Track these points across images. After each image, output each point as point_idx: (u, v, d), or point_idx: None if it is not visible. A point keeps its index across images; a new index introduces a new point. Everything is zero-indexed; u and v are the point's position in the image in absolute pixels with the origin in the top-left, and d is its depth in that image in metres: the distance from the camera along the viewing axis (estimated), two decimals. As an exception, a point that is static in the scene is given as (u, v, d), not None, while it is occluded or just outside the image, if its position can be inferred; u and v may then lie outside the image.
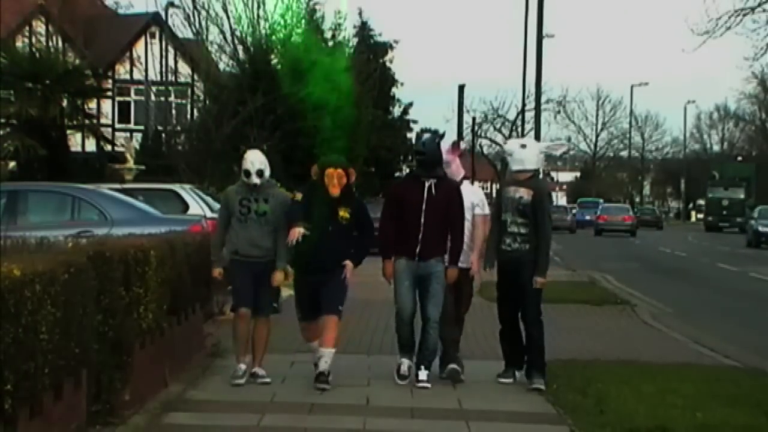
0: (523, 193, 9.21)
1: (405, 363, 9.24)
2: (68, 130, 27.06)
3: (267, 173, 9.29)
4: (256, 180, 9.17)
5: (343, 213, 9.04)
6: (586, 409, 8.27)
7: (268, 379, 9.04)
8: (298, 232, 8.85)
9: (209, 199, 17.17)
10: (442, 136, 9.40)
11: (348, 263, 9.07)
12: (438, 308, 9.15)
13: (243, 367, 9.04)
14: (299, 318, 9.32)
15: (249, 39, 29.35)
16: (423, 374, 9.15)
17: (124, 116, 42.85)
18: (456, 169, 9.63)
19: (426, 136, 9.34)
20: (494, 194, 10.30)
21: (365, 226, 9.28)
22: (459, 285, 9.39)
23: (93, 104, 29.19)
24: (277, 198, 9.30)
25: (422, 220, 9.07)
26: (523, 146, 9.59)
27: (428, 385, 9.07)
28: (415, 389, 8.94)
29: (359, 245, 9.23)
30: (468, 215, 9.39)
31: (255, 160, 9.30)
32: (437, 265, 9.15)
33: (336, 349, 8.99)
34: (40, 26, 37.93)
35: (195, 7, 29.39)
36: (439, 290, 9.13)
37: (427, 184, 9.12)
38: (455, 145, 9.87)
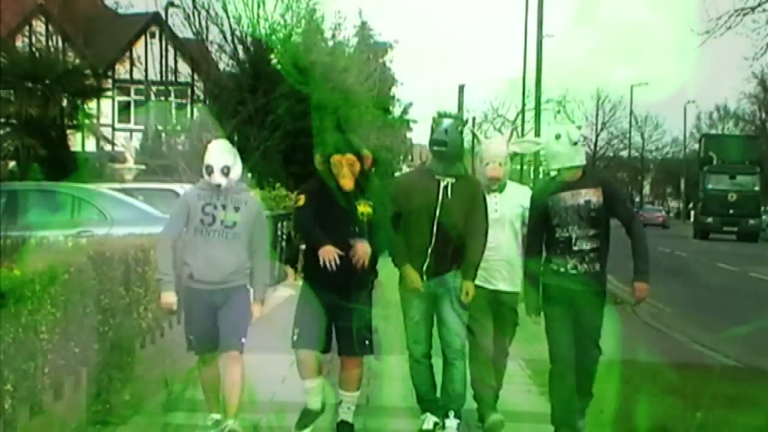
0: (590, 196, 7.07)
1: (430, 419, 7.35)
2: (68, 130, 27.07)
3: (237, 172, 7.18)
4: (220, 180, 7.06)
5: (363, 208, 7.04)
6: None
7: None
8: (331, 251, 6.85)
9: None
10: (465, 122, 7.47)
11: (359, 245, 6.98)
12: (461, 335, 7.25)
13: (216, 416, 7.33)
14: (296, 344, 7.17)
15: (249, 39, 29.38)
16: (451, 422, 7.29)
17: (124, 116, 42.90)
18: (509, 168, 7.75)
19: (446, 122, 7.25)
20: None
21: (384, 221, 7.13)
22: (500, 311, 7.51)
23: (93, 104, 29.19)
24: (251, 207, 7.21)
25: (434, 229, 7.12)
26: (576, 143, 7.23)
27: None
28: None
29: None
30: (517, 224, 7.51)
31: (220, 153, 7.15)
32: (454, 279, 7.21)
33: (359, 392, 7.43)
34: (40, 26, 37.93)
35: (195, 7, 29.43)
36: (459, 310, 7.21)
37: (442, 184, 7.17)
38: (513, 134, 8.04)
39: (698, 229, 49.76)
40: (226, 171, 7.06)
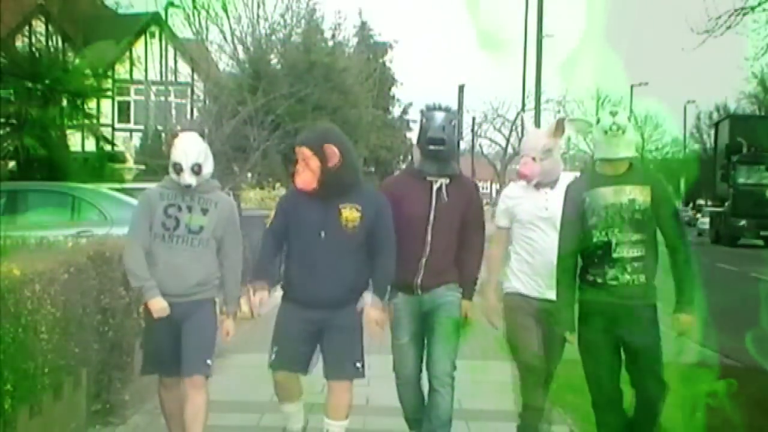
0: (636, 194, 5.96)
1: None
2: (68, 130, 27.09)
3: (208, 169, 6.28)
4: (190, 180, 6.19)
5: (348, 213, 6.11)
6: (586, 409, 8.26)
7: None
8: (259, 297, 6.20)
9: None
10: (457, 115, 6.51)
11: (368, 306, 6.18)
12: (451, 356, 6.46)
13: None
14: (274, 365, 6.39)
15: (249, 39, 29.42)
16: None
17: (124, 116, 42.93)
18: (555, 163, 6.57)
19: (439, 116, 6.38)
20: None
21: (382, 235, 6.19)
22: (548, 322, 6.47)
23: (93, 104, 29.22)
24: (221, 209, 6.30)
25: (428, 237, 6.37)
26: (620, 129, 5.93)
27: None
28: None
29: (378, 269, 6.22)
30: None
31: (191, 148, 6.19)
32: (447, 293, 6.48)
33: (347, 420, 6.44)
34: (40, 26, 37.93)
35: (195, 7, 29.43)
36: (451, 330, 6.46)
37: (435, 186, 6.39)
38: (560, 125, 6.60)
39: (726, 234, 39.05)
40: (197, 169, 6.20)
